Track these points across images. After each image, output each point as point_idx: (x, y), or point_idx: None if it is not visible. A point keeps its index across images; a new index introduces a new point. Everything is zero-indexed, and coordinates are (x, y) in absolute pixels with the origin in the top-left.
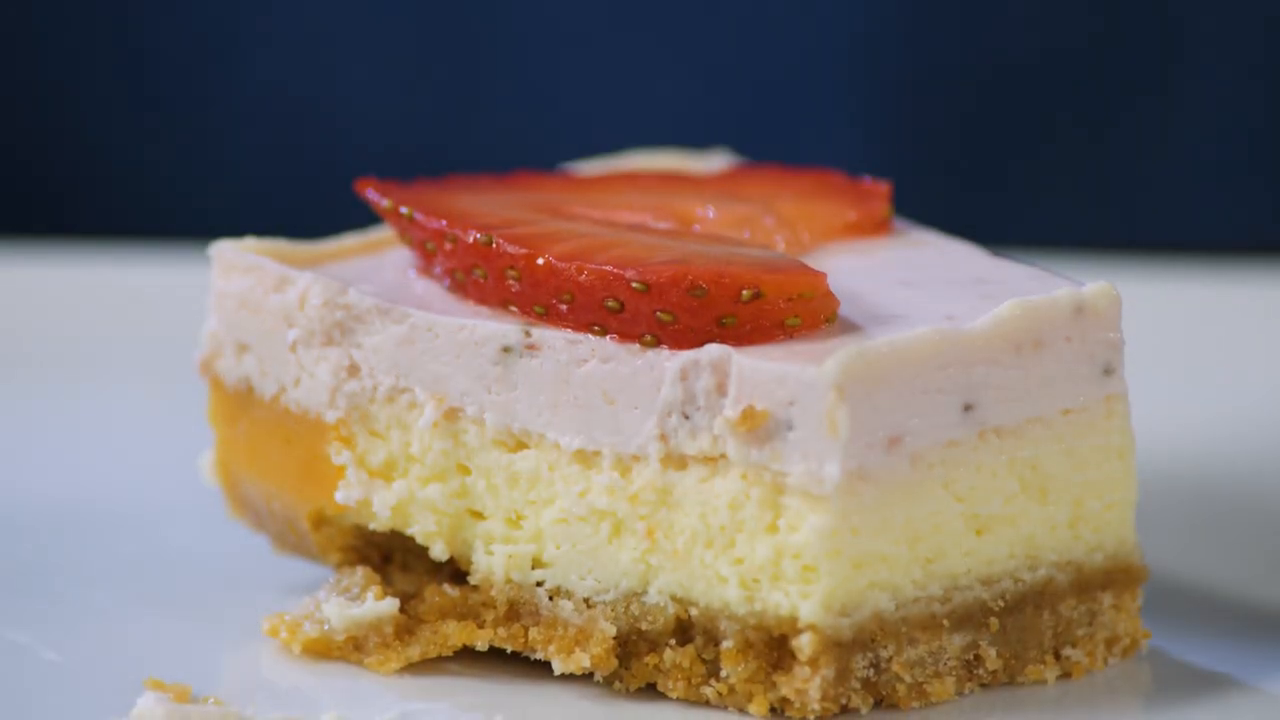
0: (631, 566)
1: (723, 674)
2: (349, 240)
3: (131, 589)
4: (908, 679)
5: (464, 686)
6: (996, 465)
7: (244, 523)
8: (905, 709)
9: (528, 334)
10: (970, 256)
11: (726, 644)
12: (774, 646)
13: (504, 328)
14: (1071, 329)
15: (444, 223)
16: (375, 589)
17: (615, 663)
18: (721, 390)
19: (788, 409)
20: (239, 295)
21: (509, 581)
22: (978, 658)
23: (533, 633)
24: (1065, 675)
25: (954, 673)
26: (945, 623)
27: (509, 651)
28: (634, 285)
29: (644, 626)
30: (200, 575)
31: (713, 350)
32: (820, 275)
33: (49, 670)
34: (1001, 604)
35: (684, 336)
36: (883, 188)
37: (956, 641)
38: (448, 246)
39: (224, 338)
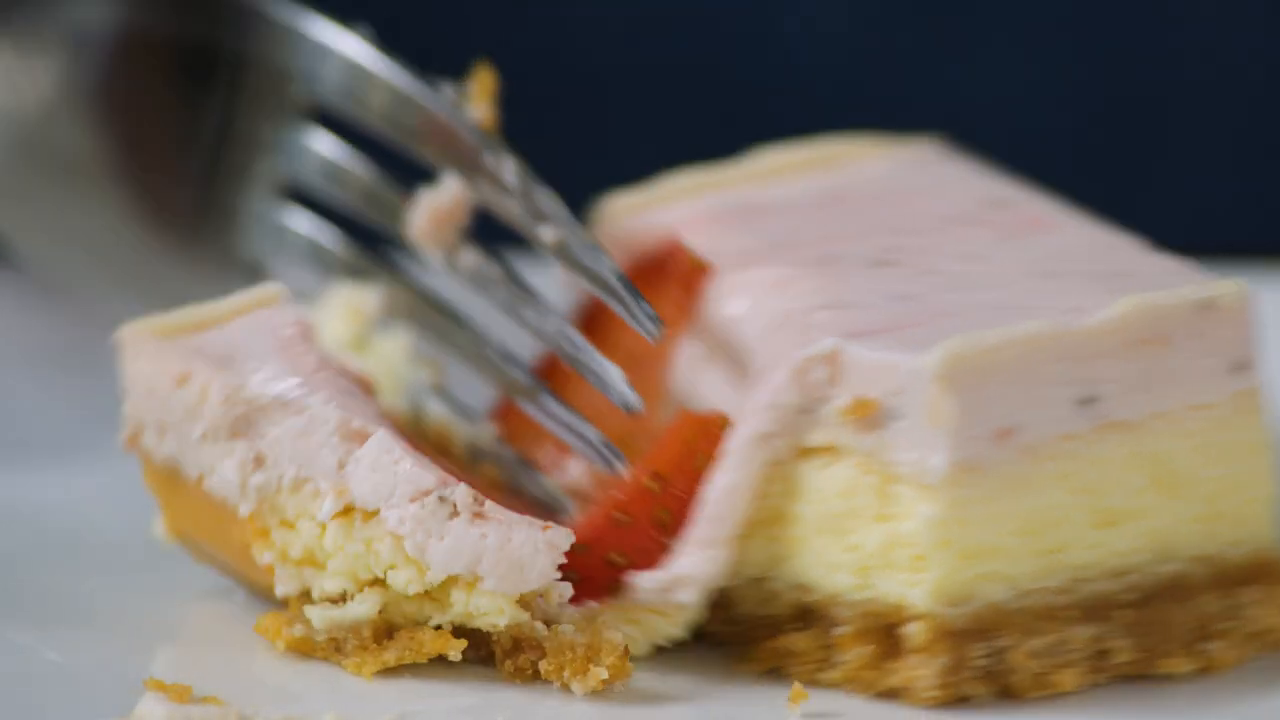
0: (757, 553)
1: (840, 660)
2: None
3: (132, 589)
4: (1030, 669)
5: (464, 688)
6: (1119, 459)
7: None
8: (1028, 699)
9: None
10: (1124, 250)
11: (842, 630)
12: (887, 634)
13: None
14: (1197, 326)
15: None
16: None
17: (631, 668)
18: (835, 381)
19: (896, 399)
20: (148, 382)
21: None
22: (1107, 649)
23: (542, 665)
24: (1206, 669)
25: (1081, 664)
26: (1069, 614)
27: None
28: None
29: (768, 611)
30: (201, 576)
31: (824, 343)
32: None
33: (51, 671)
34: (1132, 596)
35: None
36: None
37: (1083, 633)
38: None
39: (144, 418)
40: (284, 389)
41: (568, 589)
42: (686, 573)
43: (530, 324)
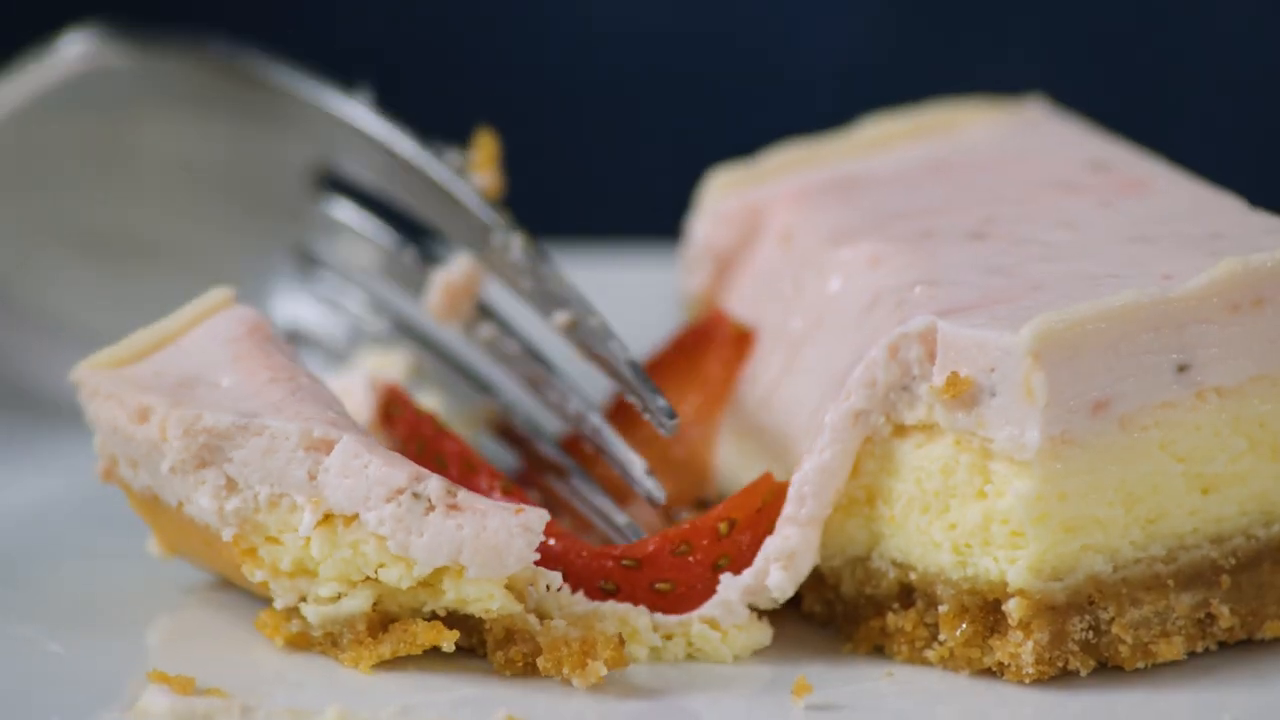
0: (856, 532)
1: (941, 638)
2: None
3: (135, 582)
4: (1130, 640)
5: (465, 681)
6: (1219, 425)
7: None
8: (1130, 670)
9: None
10: (1222, 210)
11: (943, 608)
12: (988, 611)
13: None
14: None
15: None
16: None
17: (628, 659)
18: (930, 358)
19: (990, 375)
20: (110, 420)
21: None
22: (1210, 616)
23: (539, 660)
24: None
25: (1183, 631)
26: (1171, 582)
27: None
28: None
29: (869, 591)
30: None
31: (918, 321)
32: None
33: (53, 663)
34: (1233, 561)
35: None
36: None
37: (1185, 600)
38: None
39: (114, 452)
40: (242, 410)
41: (556, 578)
42: (778, 549)
43: (552, 404)
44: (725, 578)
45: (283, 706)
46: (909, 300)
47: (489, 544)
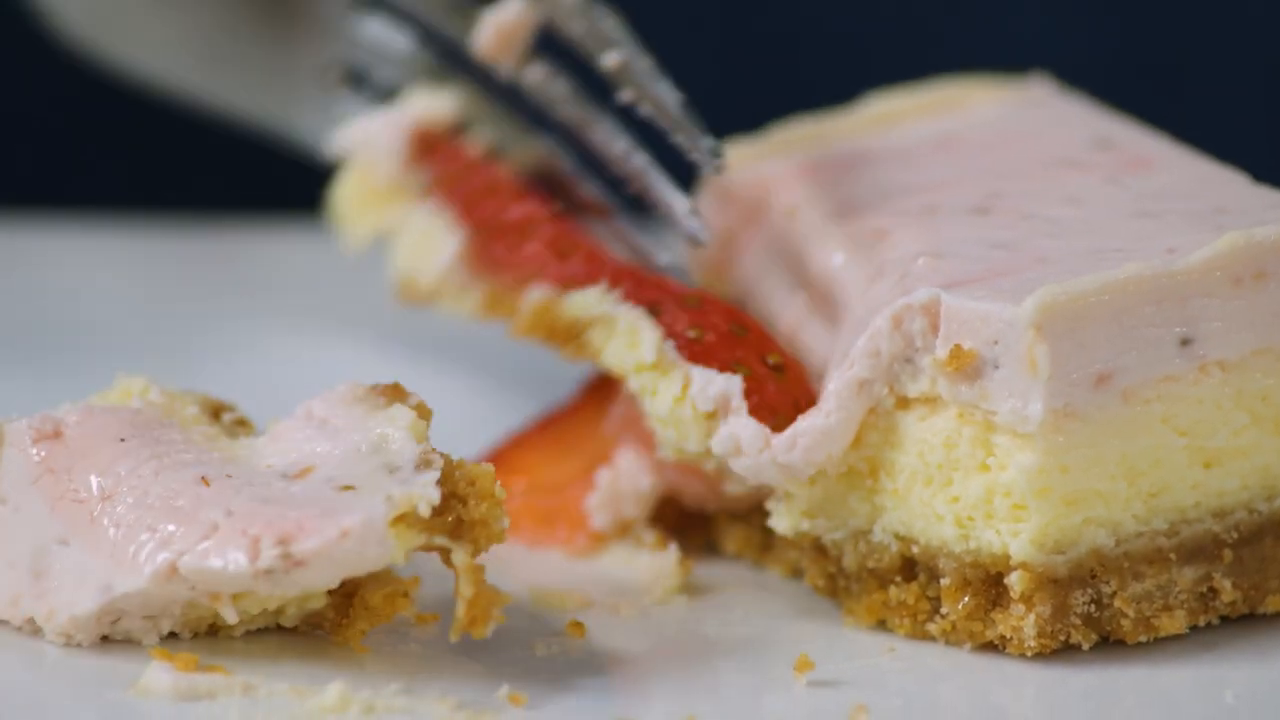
0: (858, 505)
1: (944, 611)
2: None
3: None
4: (1132, 613)
5: (467, 658)
6: (1221, 399)
7: None
8: (1132, 643)
9: None
10: (1227, 186)
11: (945, 581)
12: (990, 584)
13: None
14: None
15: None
16: None
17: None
18: (933, 330)
19: (993, 348)
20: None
21: None
22: (1212, 590)
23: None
24: None
25: (1185, 605)
26: (1173, 556)
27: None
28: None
29: (871, 564)
30: None
31: (922, 293)
32: None
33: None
34: (1235, 535)
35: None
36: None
37: (1187, 574)
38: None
39: None
40: (99, 583)
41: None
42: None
43: (597, 145)
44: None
45: (284, 685)
46: (913, 272)
47: (349, 564)
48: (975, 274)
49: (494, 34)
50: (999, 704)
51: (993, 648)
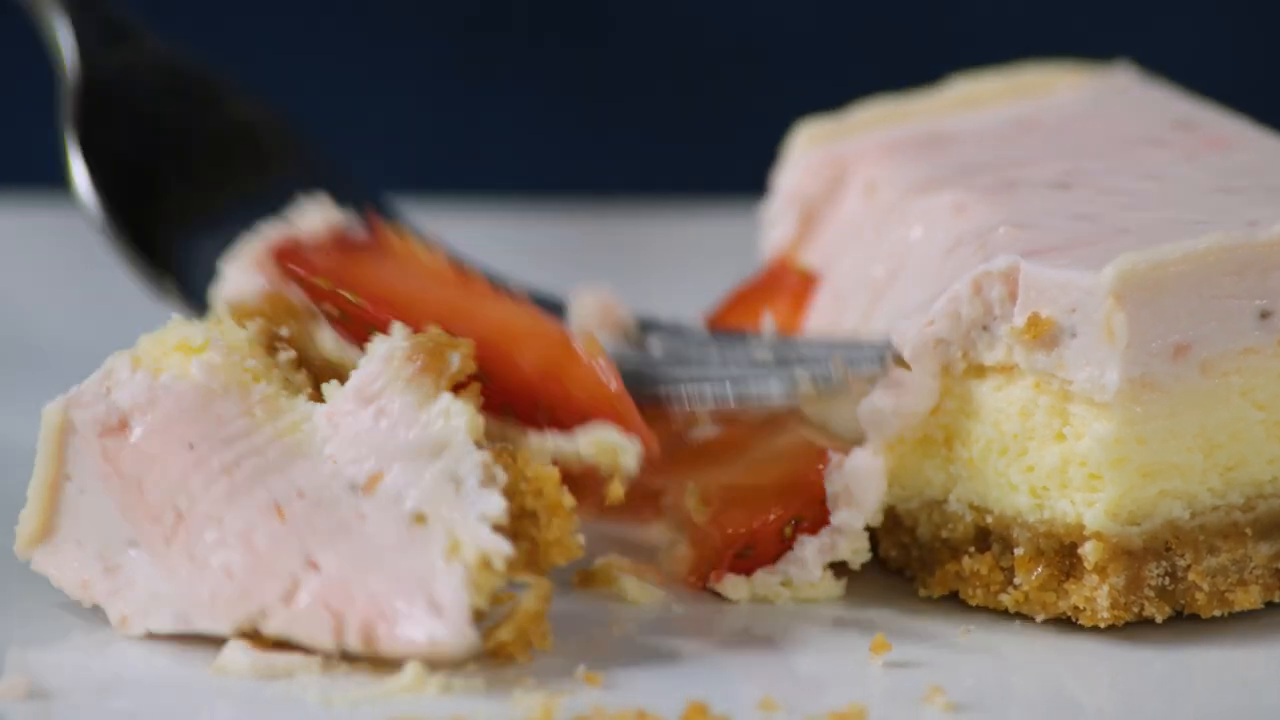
0: (933, 475)
1: (1017, 581)
2: None
3: None
4: (1207, 587)
5: None
6: None
7: None
8: (1206, 617)
9: None
10: None
11: (1019, 551)
12: (1064, 554)
13: None
14: None
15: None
16: None
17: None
18: (1011, 299)
19: (1070, 316)
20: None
21: None
22: None
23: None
24: None
25: (1261, 581)
26: (1249, 531)
27: None
28: None
29: (945, 534)
30: None
31: (1001, 260)
32: None
33: None
34: None
35: None
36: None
37: (1263, 550)
38: None
39: None
40: (170, 600)
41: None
42: (855, 468)
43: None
44: (802, 538)
45: (361, 663)
46: (992, 241)
47: (430, 660)
48: (1056, 243)
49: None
50: (1073, 687)
51: (1065, 620)
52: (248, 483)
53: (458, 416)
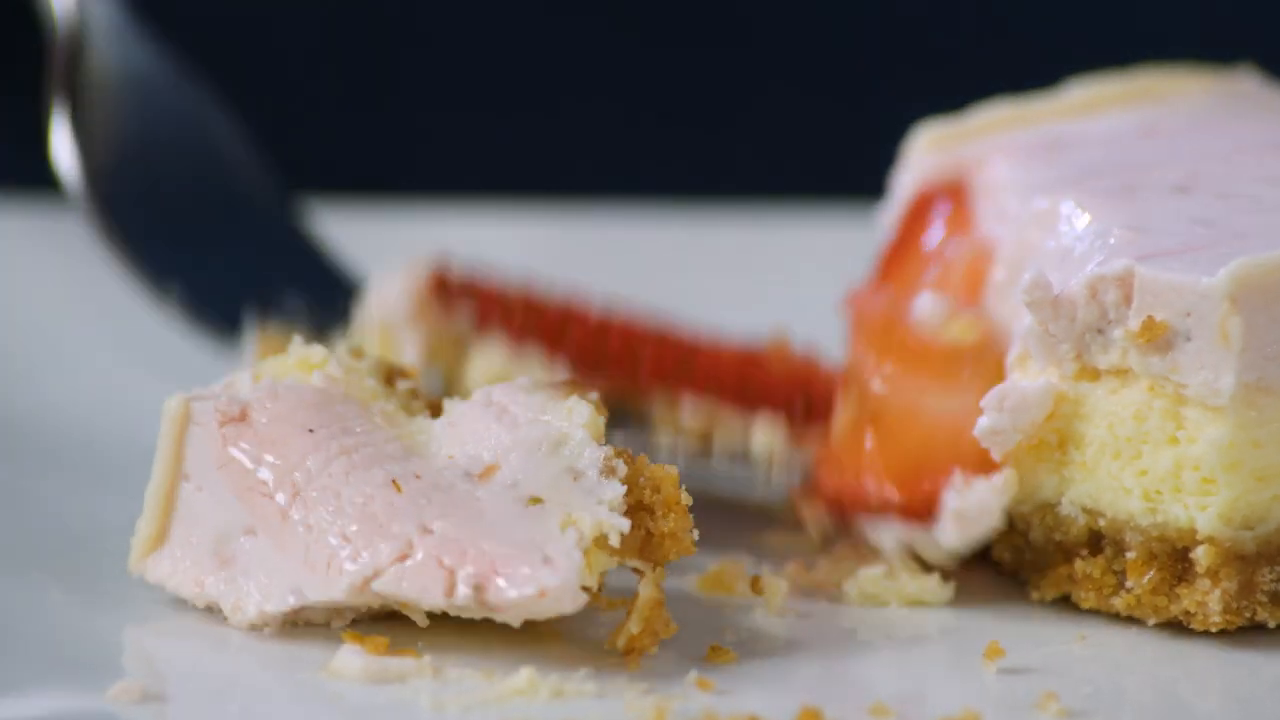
0: (1046, 478)
1: (1129, 585)
2: None
3: None
4: None
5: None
6: None
7: None
8: None
9: None
10: None
11: (1131, 555)
12: (1176, 558)
13: None
14: None
15: None
16: None
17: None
18: (1128, 302)
19: (1185, 320)
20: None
21: None
22: None
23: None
24: None
25: None
26: None
27: None
28: None
29: (1058, 537)
30: None
31: (1116, 264)
32: None
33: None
34: None
35: None
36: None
37: None
38: None
39: None
40: (287, 584)
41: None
42: (978, 501)
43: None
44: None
45: (473, 668)
46: (1108, 245)
47: (541, 614)
48: (1172, 247)
49: None
50: (1186, 693)
51: (1177, 623)
52: (366, 462)
53: (579, 415)
